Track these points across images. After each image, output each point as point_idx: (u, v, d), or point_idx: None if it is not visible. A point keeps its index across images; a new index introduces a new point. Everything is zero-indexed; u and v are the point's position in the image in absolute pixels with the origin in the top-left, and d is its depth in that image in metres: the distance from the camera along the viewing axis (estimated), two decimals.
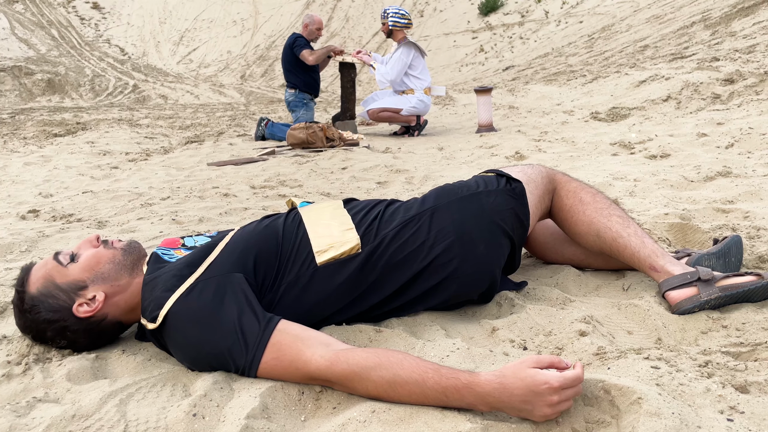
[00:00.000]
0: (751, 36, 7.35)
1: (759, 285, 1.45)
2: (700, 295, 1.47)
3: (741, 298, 1.46)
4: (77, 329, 1.31)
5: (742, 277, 1.49)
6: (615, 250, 1.62)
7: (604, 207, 1.65)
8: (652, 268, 1.57)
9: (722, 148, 3.59)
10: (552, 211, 1.71)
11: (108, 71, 18.77)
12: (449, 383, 1.07)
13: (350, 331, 1.43)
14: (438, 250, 1.46)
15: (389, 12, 5.80)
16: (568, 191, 1.68)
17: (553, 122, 5.55)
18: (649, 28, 11.36)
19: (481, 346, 1.37)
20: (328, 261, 1.42)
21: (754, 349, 1.28)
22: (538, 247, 1.88)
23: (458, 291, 1.51)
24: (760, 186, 2.64)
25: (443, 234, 1.48)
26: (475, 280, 1.52)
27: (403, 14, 5.86)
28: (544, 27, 16.63)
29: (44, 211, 3.12)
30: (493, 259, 1.54)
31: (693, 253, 1.64)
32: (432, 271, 1.47)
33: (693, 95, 5.24)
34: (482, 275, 1.52)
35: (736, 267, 1.64)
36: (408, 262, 1.45)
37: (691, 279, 1.49)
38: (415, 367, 1.11)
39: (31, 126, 8.20)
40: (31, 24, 21.84)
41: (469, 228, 1.51)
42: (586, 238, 1.66)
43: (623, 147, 4.02)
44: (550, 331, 1.41)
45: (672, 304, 1.50)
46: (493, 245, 1.53)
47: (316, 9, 21.84)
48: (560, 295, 1.63)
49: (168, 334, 1.25)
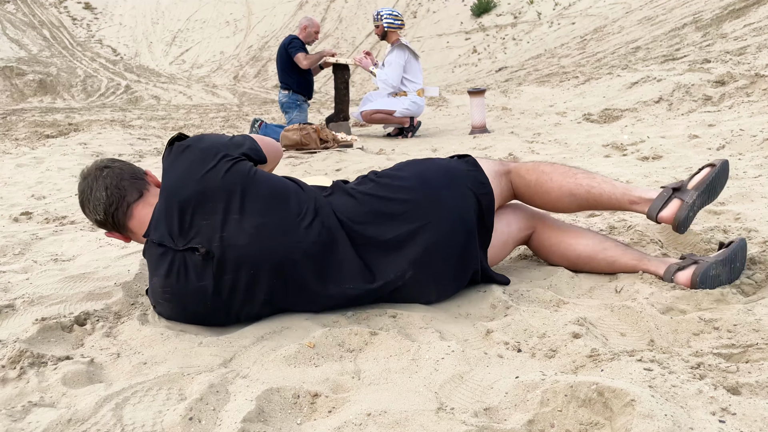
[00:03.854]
0: (741, 38, 7.41)
1: (717, 171, 1.68)
2: (685, 202, 1.65)
3: (711, 187, 1.67)
4: None
5: (699, 173, 1.70)
6: (592, 200, 1.76)
7: (566, 170, 1.81)
8: (632, 202, 1.73)
9: (713, 150, 3.62)
10: (519, 192, 1.84)
11: (100, 72, 18.68)
12: None
13: (345, 333, 1.43)
14: (404, 196, 1.61)
15: (383, 14, 5.80)
16: (527, 169, 1.83)
17: (546, 123, 5.57)
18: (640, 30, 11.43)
19: (475, 349, 1.38)
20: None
21: (745, 350, 1.30)
22: (543, 249, 1.90)
23: (437, 239, 1.58)
24: (750, 188, 2.66)
25: (407, 183, 1.65)
26: (450, 227, 1.60)
27: (397, 15, 5.87)
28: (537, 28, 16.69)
29: (37, 213, 3.11)
30: (459, 203, 1.64)
31: (700, 260, 1.65)
32: (406, 219, 1.59)
33: (684, 97, 5.28)
34: (454, 222, 1.61)
35: (740, 272, 1.68)
36: (382, 208, 1.61)
37: (668, 195, 1.69)
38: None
39: (23, 127, 8.15)
40: (22, 24, 21.69)
41: (429, 177, 1.67)
42: (562, 202, 1.79)
43: (616, 148, 4.04)
44: (544, 333, 1.43)
45: (672, 221, 1.66)
46: (455, 192, 1.65)
47: (310, 10, 21.82)
48: (554, 296, 1.65)
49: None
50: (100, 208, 1.58)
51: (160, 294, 1.52)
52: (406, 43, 5.83)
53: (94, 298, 1.73)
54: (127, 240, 1.66)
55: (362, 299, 1.58)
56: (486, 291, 1.70)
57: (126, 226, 1.59)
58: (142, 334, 1.47)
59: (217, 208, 1.49)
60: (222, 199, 1.50)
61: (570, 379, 1.14)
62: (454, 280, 1.66)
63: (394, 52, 5.79)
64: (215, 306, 1.50)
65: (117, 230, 1.63)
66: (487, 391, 1.18)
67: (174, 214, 1.50)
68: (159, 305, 1.57)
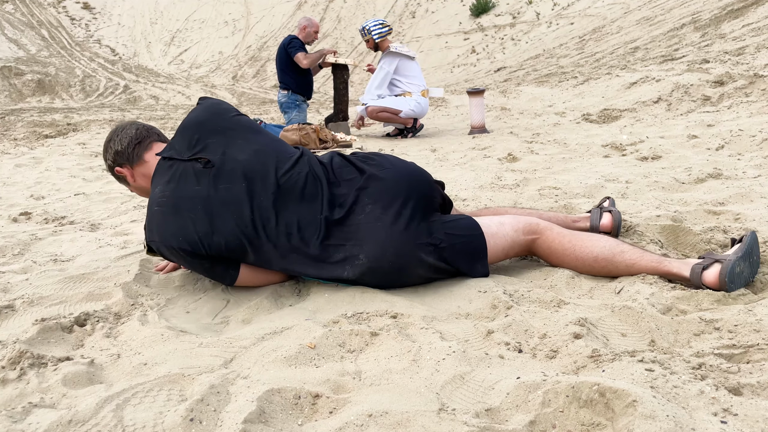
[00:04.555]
0: (740, 38, 7.42)
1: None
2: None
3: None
4: None
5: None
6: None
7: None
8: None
9: (713, 150, 3.62)
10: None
11: (99, 72, 18.66)
12: None
13: (345, 334, 1.43)
14: (377, 161, 1.85)
15: (369, 27, 5.81)
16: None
17: (545, 124, 5.57)
18: (639, 30, 11.44)
19: (476, 349, 1.38)
20: None
21: (746, 351, 1.30)
22: (554, 254, 1.89)
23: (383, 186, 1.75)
24: (750, 188, 2.67)
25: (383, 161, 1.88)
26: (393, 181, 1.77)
27: (382, 23, 5.87)
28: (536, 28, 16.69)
29: (36, 214, 3.10)
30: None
31: (722, 258, 1.64)
32: (370, 167, 1.81)
33: (683, 97, 5.28)
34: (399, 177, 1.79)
35: (758, 265, 1.71)
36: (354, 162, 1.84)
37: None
38: None
39: (22, 127, 8.14)
40: (20, 24, 21.66)
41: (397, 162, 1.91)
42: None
43: (615, 149, 4.04)
44: (545, 334, 1.42)
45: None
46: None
47: (308, 10, 21.81)
48: (554, 297, 1.64)
49: None
50: (126, 140, 1.83)
51: (156, 199, 1.67)
52: (395, 49, 5.80)
53: (94, 298, 1.73)
54: (132, 179, 1.85)
55: (330, 229, 1.70)
56: (486, 291, 1.70)
57: (142, 157, 1.83)
58: (142, 334, 1.47)
59: (226, 133, 1.78)
60: (231, 128, 1.79)
61: (571, 380, 1.14)
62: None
63: (383, 59, 5.80)
64: (206, 212, 1.63)
65: (130, 163, 1.83)
66: (488, 391, 1.18)
67: (186, 135, 1.77)
68: (152, 217, 1.67)
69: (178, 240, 1.62)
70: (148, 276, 1.91)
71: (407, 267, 1.71)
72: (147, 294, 1.78)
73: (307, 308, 1.67)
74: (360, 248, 1.67)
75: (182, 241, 1.61)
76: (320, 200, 1.71)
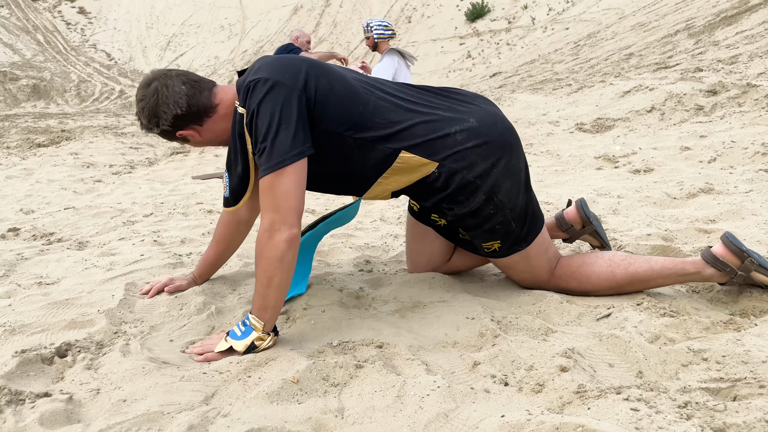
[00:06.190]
0: (733, 45, 7.43)
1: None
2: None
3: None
4: None
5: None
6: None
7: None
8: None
9: (705, 163, 3.61)
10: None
11: (94, 76, 18.63)
12: None
13: (330, 366, 1.41)
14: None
15: (372, 25, 5.81)
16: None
17: (539, 133, 5.57)
18: (633, 36, 11.46)
19: (461, 383, 1.36)
20: None
21: (733, 384, 1.28)
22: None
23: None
24: (741, 204, 2.66)
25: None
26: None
27: (387, 26, 5.87)
28: (531, 33, 16.72)
29: (24, 230, 3.07)
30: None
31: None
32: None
33: (677, 106, 5.28)
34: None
35: None
36: None
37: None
38: None
39: (15, 134, 8.09)
40: (16, 29, 21.61)
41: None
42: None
43: (607, 161, 4.03)
44: (532, 366, 1.41)
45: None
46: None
47: (304, 14, 21.82)
48: (542, 324, 1.63)
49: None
50: (183, 100, 1.66)
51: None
52: (398, 49, 5.81)
53: (77, 326, 1.70)
54: (199, 136, 1.73)
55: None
56: (474, 318, 1.68)
57: (212, 105, 1.70)
58: (123, 367, 1.44)
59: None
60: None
61: (556, 420, 1.12)
62: None
63: (385, 59, 5.79)
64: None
65: (196, 120, 1.70)
66: (472, 431, 1.16)
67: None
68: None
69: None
70: (133, 301, 1.89)
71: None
72: (131, 321, 1.75)
73: (293, 335, 1.65)
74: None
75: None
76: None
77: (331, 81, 1.64)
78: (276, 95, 1.54)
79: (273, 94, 1.54)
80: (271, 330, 1.54)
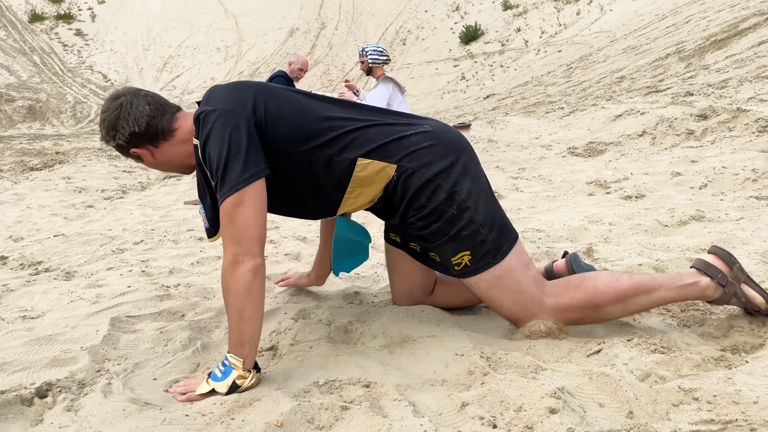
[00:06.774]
0: (723, 70, 7.52)
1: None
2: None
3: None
4: None
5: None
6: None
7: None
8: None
9: (696, 189, 3.62)
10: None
11: (90, 98, 18.69)
12: None
13: (315, 408, 1.38)
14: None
15: (368, 50, 5.86)
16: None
17: (531, 157, 5.59)
18: (625, 59, 11.60)
19: (448, 425, 1.33)
20: None
21: (724, 427, 1.26)
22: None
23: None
24: (732, 233, 2.66)
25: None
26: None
27: (381, 51, 5.92)
28: (524, 56, 16.92)
29: (12, 258, 3.05)
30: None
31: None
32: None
33: (668, 131, 5.32)
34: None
35: None
36: None
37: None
38: None
39: (9, 156, 8.08)
40: (12, 50, 21.72)
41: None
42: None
43: (599, 186, 4.04)
44: (521, 407, 1.38)
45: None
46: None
47: (300, 37, 22.04)
48: (532, 362, 1.61)
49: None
50: (143, 119, 1.68)
51: None
52: (391, 77, 5.86)
53: (59, 364, 1.67)
54: (152, 158, 1.74)
55: None
56: (464, 354, 1.66)
57: (170, 130, 1.71)
58: (104, 409, 1.41)
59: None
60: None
61: None
62: None
63: (380, 85, 5.82)
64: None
65: (152, 141, 1.70)
66: None
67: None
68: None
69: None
70: (117, 336, 1.86)
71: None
72: (114, 358, 1.73)
73: (279, 373, 1.62)
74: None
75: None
76: None
77: (280, 101, 1.66)
78: (224, 124, 1.54)
79: (220, 124, 1.54)
80: (251, 367, 1.52)
